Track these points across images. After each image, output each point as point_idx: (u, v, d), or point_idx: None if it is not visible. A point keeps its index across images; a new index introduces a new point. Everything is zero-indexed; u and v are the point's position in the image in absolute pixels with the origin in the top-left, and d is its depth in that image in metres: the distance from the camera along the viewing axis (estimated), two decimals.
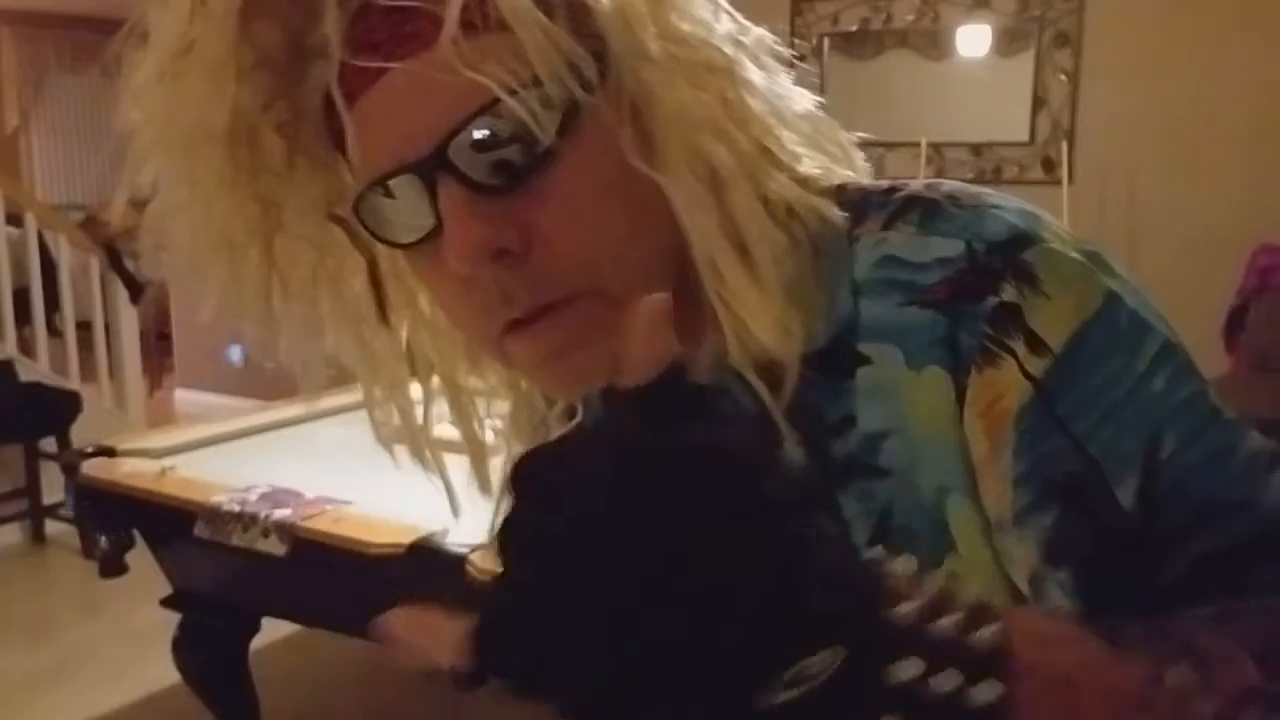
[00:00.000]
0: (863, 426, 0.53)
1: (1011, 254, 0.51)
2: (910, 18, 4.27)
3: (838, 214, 0.55)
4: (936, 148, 4.21)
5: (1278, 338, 3.55)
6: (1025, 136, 4.12)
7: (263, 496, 2.07)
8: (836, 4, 4.39)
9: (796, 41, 4.43)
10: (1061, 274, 0.50)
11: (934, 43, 4.27)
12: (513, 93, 0.47)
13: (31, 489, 4.10)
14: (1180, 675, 0.40)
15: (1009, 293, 0.50)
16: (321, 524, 1.95)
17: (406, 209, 0.51)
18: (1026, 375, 0.49)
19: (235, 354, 5.37)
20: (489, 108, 0.48)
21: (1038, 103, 4.08)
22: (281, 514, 2.00)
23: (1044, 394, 0.49)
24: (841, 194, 0.56)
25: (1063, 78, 4.02)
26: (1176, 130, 3.81)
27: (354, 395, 0.65)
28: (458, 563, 1.72)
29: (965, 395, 0.51)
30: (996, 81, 4.18)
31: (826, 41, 4.44)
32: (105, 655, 3.21)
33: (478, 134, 0.49)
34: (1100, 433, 0.49)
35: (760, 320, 0.53)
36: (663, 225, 0.52)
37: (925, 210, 0.54)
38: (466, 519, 0.67)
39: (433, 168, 0.49)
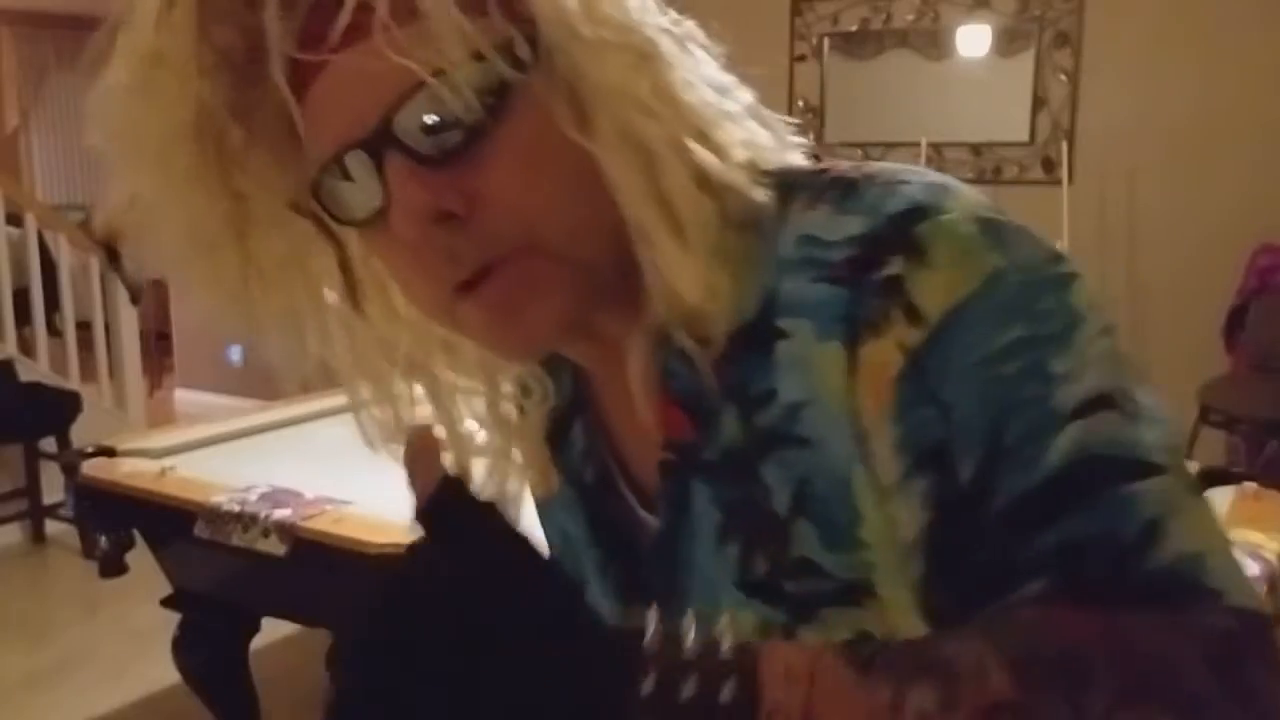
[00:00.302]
0: (784, 397, 0.55)
1: (905, 227, 0.52)
2: (910, 18, 4.27)
3: (768, 194, 0.57)
4: (936, 148, 4.22)
5: (1278, 338, 3.55)
6: (1025, 136, 4.12)
7: (263, 496, 2.08)
8: (836, 4, 4.39)
9: (796, 41, 4.45)
10: (950, 248, 0.51)
11: (934, 43, 4.28)
12: (441, 73, 0.51)
13: (31, 489, 4.11)
14: (921, 696, 0.42)
15: (896, 265, 0.52)
16: (321, 524, 1.96)
17: (358, 188, 0.55)
18: (902, 347, 0.51)
19: (235, 354, 5.37)
20: (422, 87, 0.52)
21: (1038, 103, 4.08)
22: (281, 514, 2.00)
23: (917, 365, 0.51)
24: (774, 176, 0.58)
25: (1063, 78, 4.03)
26: (1177, 130, 3.81)
27: None
28: None
29: (857, 368, 0.52)
30: (996, 81, 4.18)
31: (826, 41, 4.44)
32: (105, 655, 3.21)
33: (420, 113, 0.52)
34: (959, 405, 0.50)
35: (686, 281, 0.55)
36: (603, 192, 0.55)
37: (844, 189, 0.56)
38: None
39: (378, 144, 0.53)
